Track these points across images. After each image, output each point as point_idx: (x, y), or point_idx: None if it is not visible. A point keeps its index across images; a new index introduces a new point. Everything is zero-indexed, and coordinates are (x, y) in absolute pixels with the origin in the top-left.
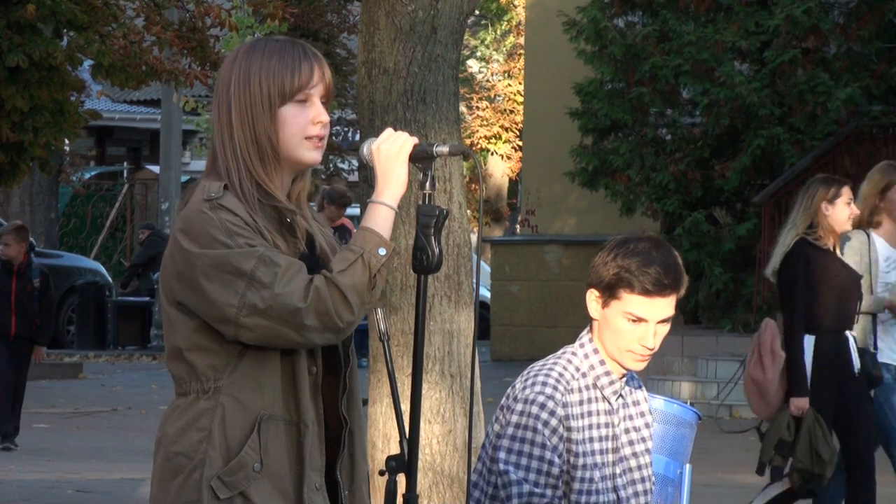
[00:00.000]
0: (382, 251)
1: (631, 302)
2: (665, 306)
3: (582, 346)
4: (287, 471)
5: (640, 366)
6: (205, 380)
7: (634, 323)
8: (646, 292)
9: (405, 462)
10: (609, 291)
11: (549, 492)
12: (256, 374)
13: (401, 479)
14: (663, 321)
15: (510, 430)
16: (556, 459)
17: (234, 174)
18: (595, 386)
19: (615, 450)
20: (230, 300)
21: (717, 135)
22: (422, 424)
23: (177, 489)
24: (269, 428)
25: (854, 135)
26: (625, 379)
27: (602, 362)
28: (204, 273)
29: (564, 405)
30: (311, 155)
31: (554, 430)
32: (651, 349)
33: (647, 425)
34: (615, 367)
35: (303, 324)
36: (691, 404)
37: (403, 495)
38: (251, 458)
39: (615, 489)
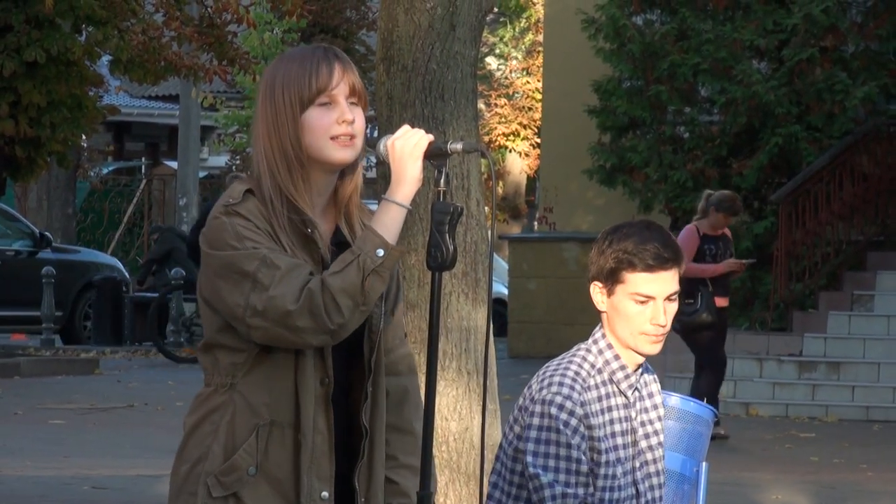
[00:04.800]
0: (380, 252)
1: (635, 281)
2: (669, 280)
3: (595, 342)
4: (289, 477)
5: (656, 348)
6: (224, 374)
7: (643, 304)
8: (648, 268)
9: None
10: (612, 278)
11: (580, 490)
12: (269, 377)
13: None
14: (670, 298)
15: (533, 433)
16: (583, 457)
17: (263, 182)
18: (611, 381)
19: (634, 443)
20: (238, 300)
21: (734, 133)
22: (438, 422)
23: (183, 478)
24: (273, 433)
25: (872, 133)
26: (640, 371)
27: (617, 356)
28: (217, 273)
29: (583, 404)
30: (340, 154)
31: (575, 430)
32: (664, 327)
33: (659, 418)
34: (630, 359)
35: (295, 325)
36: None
37: (418, 493)
38: (245, 461)
39: (635, 483)
